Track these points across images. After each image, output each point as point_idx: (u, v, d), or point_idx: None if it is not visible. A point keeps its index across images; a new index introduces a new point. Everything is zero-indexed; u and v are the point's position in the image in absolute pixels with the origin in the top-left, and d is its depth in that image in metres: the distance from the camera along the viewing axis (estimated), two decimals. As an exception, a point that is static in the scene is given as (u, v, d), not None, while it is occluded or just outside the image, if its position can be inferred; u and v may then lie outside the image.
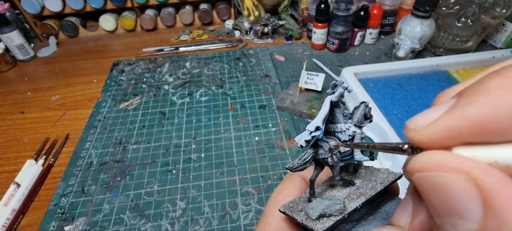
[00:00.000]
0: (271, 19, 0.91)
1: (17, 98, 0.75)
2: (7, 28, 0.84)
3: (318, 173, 0.20)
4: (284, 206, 0.19)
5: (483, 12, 0.69)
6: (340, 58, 0.83)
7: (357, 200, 0.18)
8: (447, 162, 0.10)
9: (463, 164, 0.10)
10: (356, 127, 0.21)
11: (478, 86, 0.10)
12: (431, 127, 0.11)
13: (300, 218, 0.18)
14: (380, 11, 0.82)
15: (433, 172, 0.10)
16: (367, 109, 0.22)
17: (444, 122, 0.10)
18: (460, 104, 0.10)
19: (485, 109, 0.09)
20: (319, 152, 0.20)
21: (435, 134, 0.11)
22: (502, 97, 0.09)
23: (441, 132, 0.10)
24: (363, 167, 0.22)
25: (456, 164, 0.10)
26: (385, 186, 0.19)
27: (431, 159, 0.10)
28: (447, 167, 0.10)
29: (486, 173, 0.09)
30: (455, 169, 0.10)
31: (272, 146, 0.57)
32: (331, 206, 0.17)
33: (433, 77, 0.68)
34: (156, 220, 0.46)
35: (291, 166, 0.20)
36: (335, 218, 0.17)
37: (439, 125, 0.10)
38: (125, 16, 1.00)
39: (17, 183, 0.51)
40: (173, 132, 0.61)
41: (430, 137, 0.11)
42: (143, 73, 0.80)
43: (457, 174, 0.10)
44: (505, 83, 0.09)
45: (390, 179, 0.19)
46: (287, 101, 0.65)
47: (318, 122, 0.18)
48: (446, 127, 0.10)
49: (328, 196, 0.19)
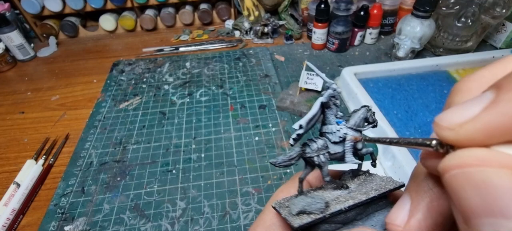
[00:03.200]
0: (271, 19, 0.91)
1: (17, 98, 0.75)
2: (7, 28, 0.84)
3: (307, 172, 0.21)
4: (276, 202, 0.20)
5: (483, 12, 0.69)
6: (340, 58, 0.83)
7: (345, 203, 0.18)
8: (491, 157, 0.09)
9: (509, 159, 0.09)
10: (353, 130, 0.21)
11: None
12: (471, 125, 0.10)
13: (284, 213, 0.18)
14: (380, 11, 0.82)
15: (475, 167, 0.09)
16: (369, 113, 0.22)
17: (486, 119, 0.09)
18: (502, 100, 0.09)
19: None
20: (306, 151, 0.20)
21: (474, 134, 0.10)
22: None
23: (482, 130, 0.10)
24: (367, 174, 0.22)
25: (501, 158, 0.09)
26: (379, 193, 0.18)
27: (472, 154, 0.10)
28: (492, 161, 0.09)
29: None
30: (501, 163, 0.09)
31: (272, 146, 0.57)
32: (312, 204, 0.17)
33: (433, 77, 0.68)
34: (156, 220, 0.46)
35: (275, 161, 0.20)
36: (314, 216, 0.17)
37: (480, 122, 0.10)
38: (125, 16, 1.00)
39: (17, 183, 0.51)
40: (173, 132, 0.61)
41: (470, 136, 0.10)
42: (143, 73, 0.80)
43: (504, 169, 0.09)
44: None
45: (388, 187, 0.19)
46: (287, 101, 0.65)
47: (303, 120, 0.19)
48: (487, 125, 0.09)
49: (312, 194, 0.19)
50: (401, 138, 0.15)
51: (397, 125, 0.57)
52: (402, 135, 0.54)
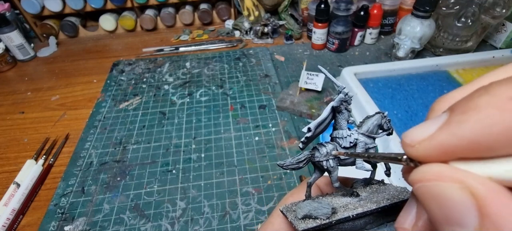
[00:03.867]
0: (271, 19, 0.91)
1: (17, 98, 0.75)
2: (7, 28, 0.84)
3: (316, 177, 0.20)
4: (284, 206, 0.20)
5: (483, 12, 0.69)
6: (340, 58, 0.83)
7: (353, 210, 0.18)
8: (445, 172, 0.11)
9: (459, 174, 0.10)
10: (365, 136, 0.20)
11: (468, 103, 0.10)
12: (426, 143, 0.11)
13: (290, 216, 0.18)
14: (380, 11, 0.82)
15: (432, 182, 0.11)
16: (385, 120, 0.21)
17: (438, 139, 0.11)
18: (452, 122, 0.10)
19: (476, 129, 0.10)
20: (315, 155, 0.20)
21: (430, 151, 0.11)
22: (491, 117, 0.09)
23: (435, 149, 0.11)
24: (380, 183, 0.22)
25: (452, 174, 0.10)
26: (391, 203, 0.18)
27: (430, 170, 0.11)
28: (445, 176, 0.10)
29: (481, 182, 0.10)
30: (452, 178, 0.10)
31: (272, 146, 0.57)
32: (318, 209, 0.17)
33: (433, 77, 0.68)
34: (156, 220, 0.46)
35: (283, 163, 0.20)
36: (320, 221, 0.17)
37: (433, 142, 0.11)
38: (125, 16, 1.00)
39: (17, 183, 0.51)
40: (173, 132, 0.61)
41: (426, 153, 0.11)
42: (143, 73, 0.80)
43: (454, 183, 0.10)
44: (494, 102, 0.09)
45: (401, 198, 0.18)
46: (287, 101, 0.65)
47: (312, 124, 0.18)
48: (440, 144, 0.11)
49: (320, 200, 0.19)
50: (377, 153, 0.16)
51: (397, 125, 0.57)
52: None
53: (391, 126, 0.21)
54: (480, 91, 0.10)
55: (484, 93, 0.10)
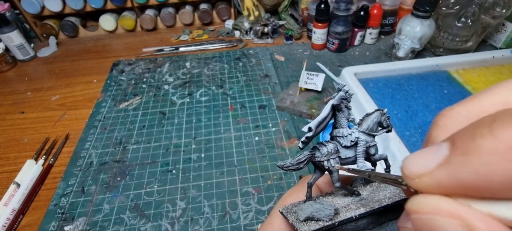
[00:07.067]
0: (271, 19, 0.91)
1: (17, 98, 0.75)
2: (7, 28, 0.84)
3: (317, 177, 0.20)
4: (283, 208, 0.19)
5: (483, 12, 0.69)
6: (340, 58, 0.83)
7: (355, 211, 0.17)
8: (443, 206, 0.10)
9: (458, 209, 0.10)
10: (365, 135, 0.20)
11: (470, 144, 0.10)
12: (426, 179, 0.11)
13: (291, 218, 0.18)
14: (380, 11, 0.82)
15: (430, 215, 0.10)
16: (384, 117, 0.21)
17: (438, 177, 0.10)
18: (453, 162, 0.10)
19: (477, 175, 0.09)
20: (316, 154, 0.19)
21: (430, 187, 0.11)
22: (494, 164, 0.09)
23: (435, 187, 0.11)
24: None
25: (452, 209, 0.10)
26: (394, 202, 0.18)
27: (428, 202, 0.11)
28: (443, 211, 0.10)
29: (481, 220, 0.09)
30: (451, 214, 0.10)
31: (272, 146, 0.57)
32: (321, 211, 0.17)
33: (433, 77, 0.68)
34: (156, 220, 0.46)
35: (283, 164, 0.19)
36: (322, 223, 0.17)
37: (433, 179, 0.11)
38: (125, 16, 1.00)
39: (17, 183, 0.51)
40: (173, 132, 0.61)
41: (427, 188, 0.11)
42: (143, 73, 0.80)
43: (453, 219, 0.10)
44: (497, 149, 0.09)
45: (403, 196, 0.18)
46: (287, 101, 0.65)
47: (312, 123, 0.18)
48: (440, 182, 0.10)
49: (321, 200, 0.19)
50: (378, 172, 0.15)
51: (397, 125, 0.57)
52: (402, 135, 0.54)
53: (390, 123, 0.21)
54: (484, 130, 0.09)
55: (487, 135, 0.09)
